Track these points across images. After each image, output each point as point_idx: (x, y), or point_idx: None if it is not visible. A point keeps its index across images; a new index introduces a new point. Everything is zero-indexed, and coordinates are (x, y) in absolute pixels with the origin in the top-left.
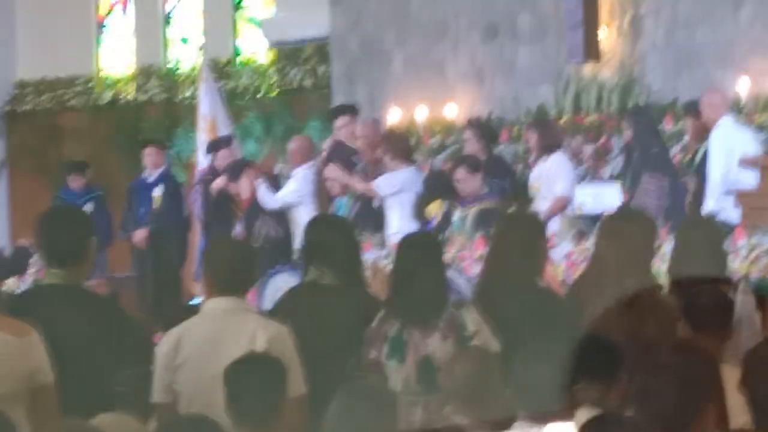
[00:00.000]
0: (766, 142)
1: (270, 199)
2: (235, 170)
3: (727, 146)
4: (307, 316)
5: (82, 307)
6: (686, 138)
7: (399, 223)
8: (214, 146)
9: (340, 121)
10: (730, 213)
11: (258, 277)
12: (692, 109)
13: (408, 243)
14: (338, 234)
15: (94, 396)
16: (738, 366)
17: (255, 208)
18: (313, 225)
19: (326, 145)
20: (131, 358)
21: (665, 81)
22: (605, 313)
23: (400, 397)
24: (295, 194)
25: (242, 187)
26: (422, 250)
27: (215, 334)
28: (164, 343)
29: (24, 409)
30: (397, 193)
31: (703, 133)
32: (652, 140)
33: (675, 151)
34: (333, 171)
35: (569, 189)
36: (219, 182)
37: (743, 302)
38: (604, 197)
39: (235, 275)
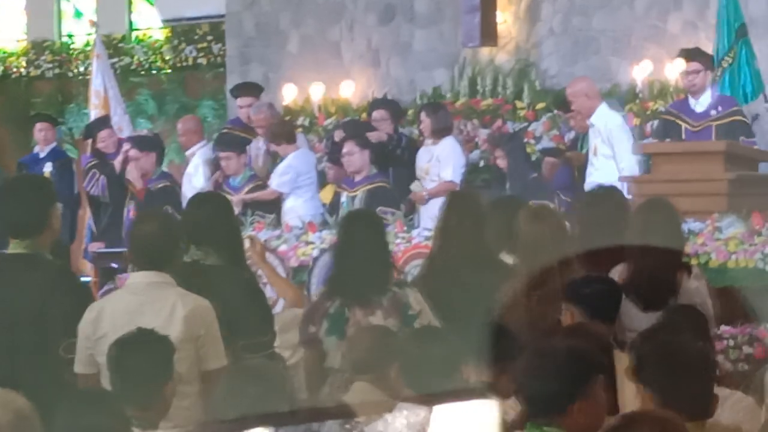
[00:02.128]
0: (660, 128)
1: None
2: (146, 144)
3: (627, 130)
4: None
5: (43, 274)
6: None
7: (293, 204)
8: (91, 130)
9: (242, 102)
10: None
11: (182, 253)
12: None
13: (351, 220)
14: (219, 213)
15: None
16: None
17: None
18: (193, 203)
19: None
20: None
21: (561, 66)
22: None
23: (337, 373)
24: (201, 176)
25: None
26: (365, 227)
27: (136, 307)
28: (87, 315)
29: None
30: (293, 180)
31: (581, 122)
32: (527, 166)
33: (569, 137)
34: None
35: (457, 174)
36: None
37: (696, 288)
38: None
39: (158, 250)
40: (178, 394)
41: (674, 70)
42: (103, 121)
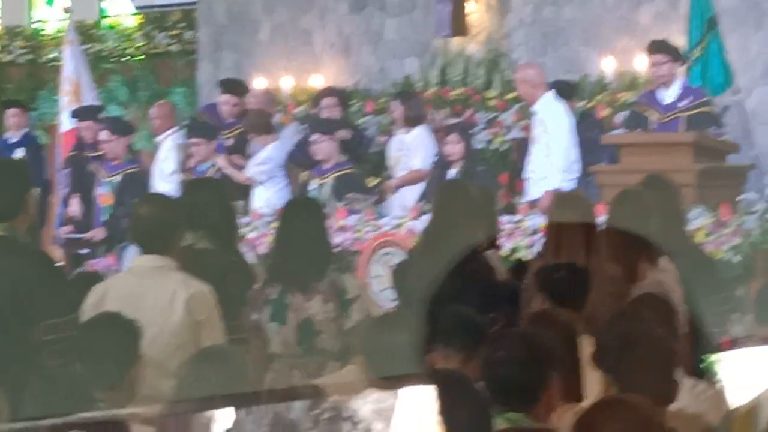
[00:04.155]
0: (630, 119)
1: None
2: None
3: (566, 121)
4: None
5: (19, 257)
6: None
7: (264, 194)
8: (81, 114)
9: (225, 98)
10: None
11: (182, 236)
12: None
13: (291, 208)
14: (214, 198)
15: (25, 344)
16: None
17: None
18: (188, 189)
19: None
20: (62, 309)
21: (532, 57)
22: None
23: (280, 359)
24: (173, 162)
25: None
26: (305, 215)
27: (138, 291)
28: (91, 296)
29: None
30: (271, 170)
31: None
32: (472, 158)
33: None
34: (221, 161)
35: (426, 163)
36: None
37: (659, 281)
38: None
39: (159, 233)
40: None
41: (644, 61)
42: (91, 111)
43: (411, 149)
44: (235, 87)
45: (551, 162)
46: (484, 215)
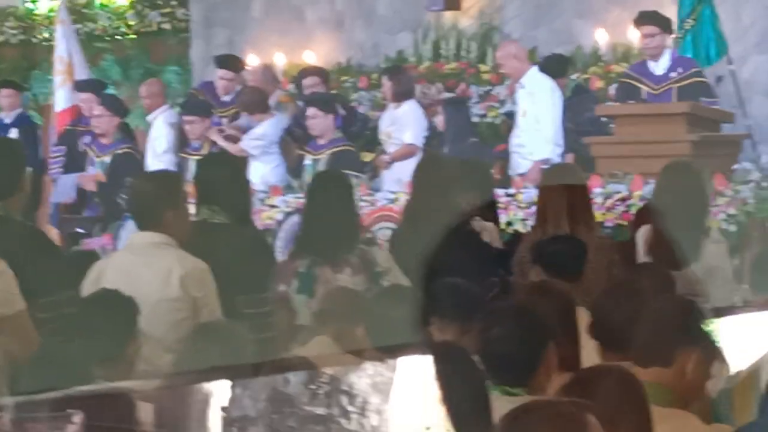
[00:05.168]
0: (620, 91)
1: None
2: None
3: (553, 93)
4: (198, 254)
5: (15, 235)
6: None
7: (260, 170)
8: (83, 86)
9: (222, 74)
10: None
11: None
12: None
13: (320, 180)
14: (229, 172)
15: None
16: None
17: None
18: (203, 164)
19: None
20: (60, 286)
21: (525, 30)
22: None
23: (305, 331)
24: (165, 141)
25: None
26: (334, 188)
27: (135, 268)
28: (90, 273)
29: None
30: (267, 146)
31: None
32: (467, 131)
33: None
34: (213, 134)
35: (419, 137)
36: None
37: (715, 251)
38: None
39: (154, 209)
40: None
41: (636, 33)
42: (93, 85)
43: (402, 124)
44: (230, 62)
45: (540, 134)
46: (469, 188)
